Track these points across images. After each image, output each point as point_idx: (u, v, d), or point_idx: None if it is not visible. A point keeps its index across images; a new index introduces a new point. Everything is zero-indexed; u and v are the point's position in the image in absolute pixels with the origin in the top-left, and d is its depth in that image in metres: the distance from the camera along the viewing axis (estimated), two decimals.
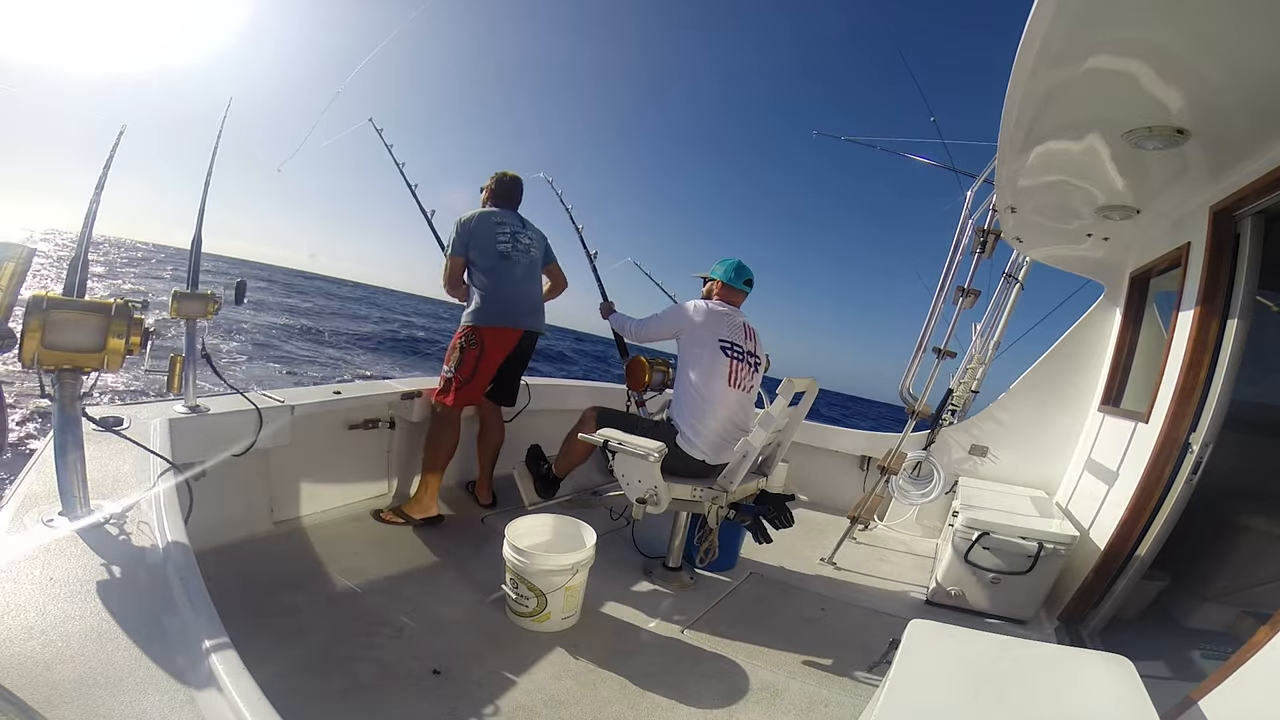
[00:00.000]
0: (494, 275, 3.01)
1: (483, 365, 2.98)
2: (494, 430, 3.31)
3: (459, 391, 2.94)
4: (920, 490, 3.57)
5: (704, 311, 2.63)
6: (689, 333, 2.61)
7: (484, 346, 2.98)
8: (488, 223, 3.06)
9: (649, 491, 2.38)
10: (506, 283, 3.04)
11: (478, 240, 3.02)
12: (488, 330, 2.99)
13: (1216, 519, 2.57)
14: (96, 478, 1.42)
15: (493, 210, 3.14)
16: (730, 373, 2.57)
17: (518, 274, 3.08)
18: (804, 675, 2.10)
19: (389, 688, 1.74)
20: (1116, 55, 1.58)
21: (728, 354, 2.57)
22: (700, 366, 2.56)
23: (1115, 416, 3.12)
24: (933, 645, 1.38)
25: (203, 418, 2.22)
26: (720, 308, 2.67)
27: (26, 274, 1.20)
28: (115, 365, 1.33)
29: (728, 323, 2.63)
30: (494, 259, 3.02)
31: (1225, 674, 1.46)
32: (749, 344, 2.68)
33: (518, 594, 2.10)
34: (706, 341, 2.57)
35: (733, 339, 2.61)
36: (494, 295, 3.01)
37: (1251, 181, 2.10)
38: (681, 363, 2.64)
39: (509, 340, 3.08)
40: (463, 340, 2.99)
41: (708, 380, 2.55)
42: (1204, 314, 2.38)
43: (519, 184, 3.27)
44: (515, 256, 3.07)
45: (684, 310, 2.67)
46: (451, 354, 2.99)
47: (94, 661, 0.93)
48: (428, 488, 2.90)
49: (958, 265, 3.43)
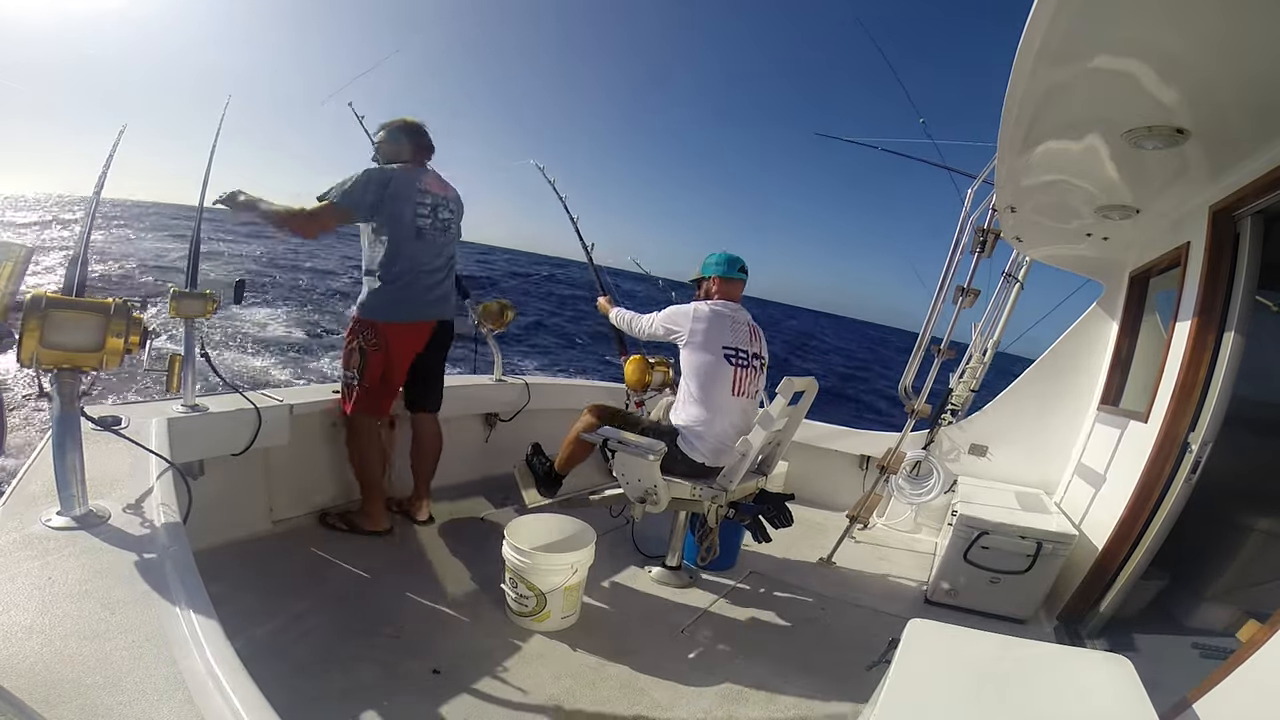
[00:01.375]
0: (403, 255, 2.51)
1: (389, 368, 2.58)
2: (429, 438, 2.86)
3: (365, 400, 2.56)
4: (919, 489, 3.57)
5: (706, 318, 2.53)
6: (691, 341, 2.53)
7: (388, 347, 2.54)
8: (409, 187, 2.51)
9: (649, 491, 2.38)
10: (417, 266, 2.56)
11: (393, 205, 2.47)
12: (390, 328, 2.54)
13: (1216, 519, 2.57)
14: (95, 477, 1.42)
15: (415, 172, 2.57)
16: (735, 381, 2.51)
17: (432, 255, 2.61)
18: (804, 675, 2.10)
19: (389, 688, 1.74)
20: (1116, 55, 1.58)
21: (731, 362, 2.51)
22: (703, 376, 2.50)
23: (1114, 416, 3.13)
24: (932, 644, 1.38)
25: (201, 417, 2.21)
26: (723, 309, 2.58)
27: (25, 273, 1.19)
28: (114, 365, 1.33)
29: (732, 327, 2.56)
30: (408, 235, 2.51)
31: (1224, 674, 1.46)
32: (754, 345, 2.61)
33: (517, 593, 2.10)
34: (710, 350, 2.50)
35: (737, 344, 2.54)
36: (400, 282, 2.52)
37: (1251, 181, 2.10)
38: (684, 368, 2.58)
39: (419, 336, 2.65)
40: (360, 340, 2.53)
41: (711, 389, 2.49)
42: (1203, 314, 2.38)
43: (426, 135, 2.68)
44: (431, 236, 2.59)
45: (686, 316, 2.56)
46: (350, 356, 2.55)
47: (93, 661, 0.93)
48: (373, 501, 2.65)
49: (957, 265, 3.43)
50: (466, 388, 3.46)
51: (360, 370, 2.53)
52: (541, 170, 3.75)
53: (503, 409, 3.55)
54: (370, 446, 2.63)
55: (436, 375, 2.86)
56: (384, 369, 2.56)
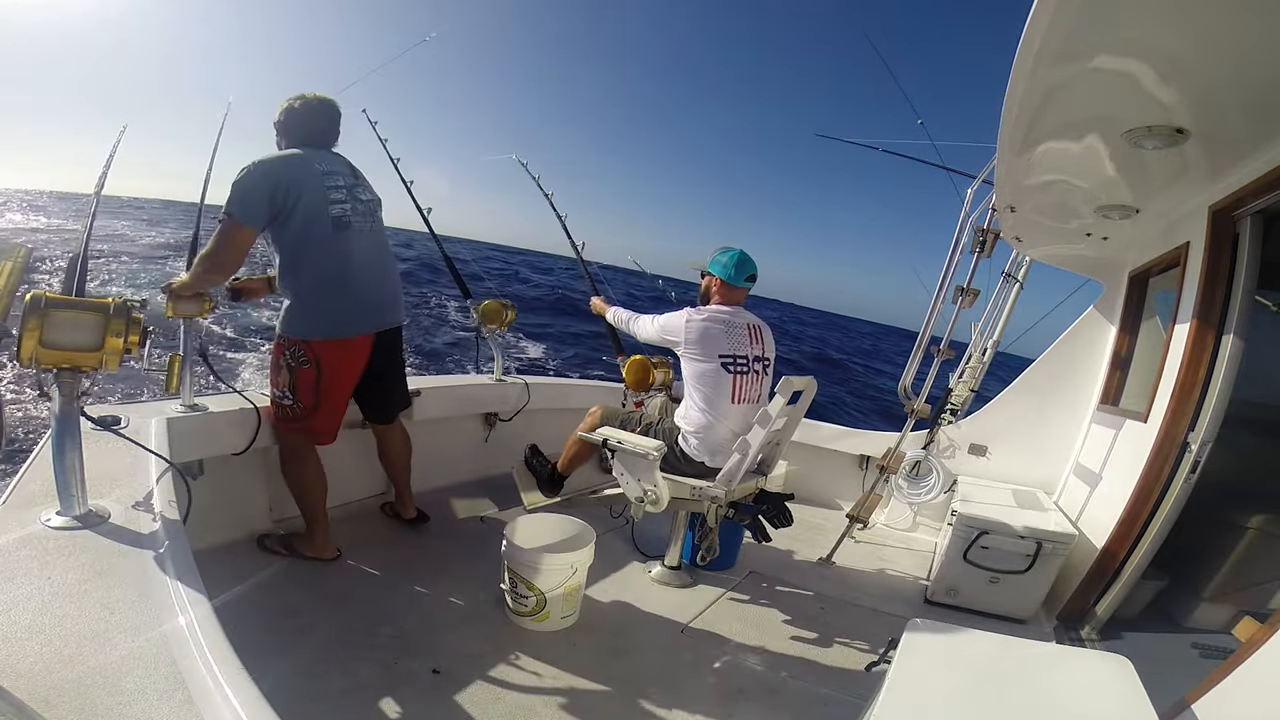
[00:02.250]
0: (325, 255, 2.10)
1: (327, 388, 2.21)
2: (395, 442, 2.63)
3: (304, 423, 2.24)
4: (919, 489, 3.57)
5: (700, 328, 2.43)
6: (688, 350, 2.46)
7: (320, 365, 2.16)
8: (309, 171, 2.07)
9: (648, 490, 2.38)
10: (347, 266, 2.14)
11: (293, 199, 2.01)
12: (324, 346, 2.15)
13: (1215, 519, 2.57)
14: (95, 477, 1.42)
15: (310, 154, 2.13)
16: (734, 389, 2.45)
17: (363, 249, 2.19)
18: (803, 674, 2.10)
19: (389, 688, 1.74)
20: (1116, 55, 1.58)
21: (730, 370, 2.44)
22: (703, 385, 2.46)
23: (1114, 416, 3.13)
24: (932, 644, 1.38)
25: (201, 416, 2.21)
26: (716, 315, 2.48)
27: (25, 273, 1.19)
28: (114, 365, 1.33)
29: (728, 333, 2.46)
30: (325, 228, 2.08)
31: (1224, 673, 1.46)
32: (755, 348, 2.51)
33: (517, 593, 2.10)
34: (707, 359, 2.45)
35: (735, 351, 2.45)
36: (328, 289, 2.12)
37: (1251, 181, 2.10)
38: (684, 374, 2.54)
39: (360, 352, 2.25)
40: (289, 356, 2.15)
41: (711, 398, 2.46)
42: (1203, 314, 2.38)
43: (336, 112, 2.24)
44: (357, 224, 2.16)
45: (679, 326, 2.47)
46: (278, 374, 2.20)
47: (93, 661, 0.93)
48: (315, 525, 2.35)
49: (957, 264, 3.43)
50: (466, 388, 3.46)
51: (292, 390, 2.19)
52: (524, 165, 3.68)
53: (502, 409, 3.55)
54: (307, 469, 2.32)
55: (396, 381, 2.56)
56: (318, 390, 2.19)
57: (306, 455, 2.32)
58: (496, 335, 3.50)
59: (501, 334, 3.53)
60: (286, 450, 2.34)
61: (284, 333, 2.17)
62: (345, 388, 2.30)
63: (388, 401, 2.57)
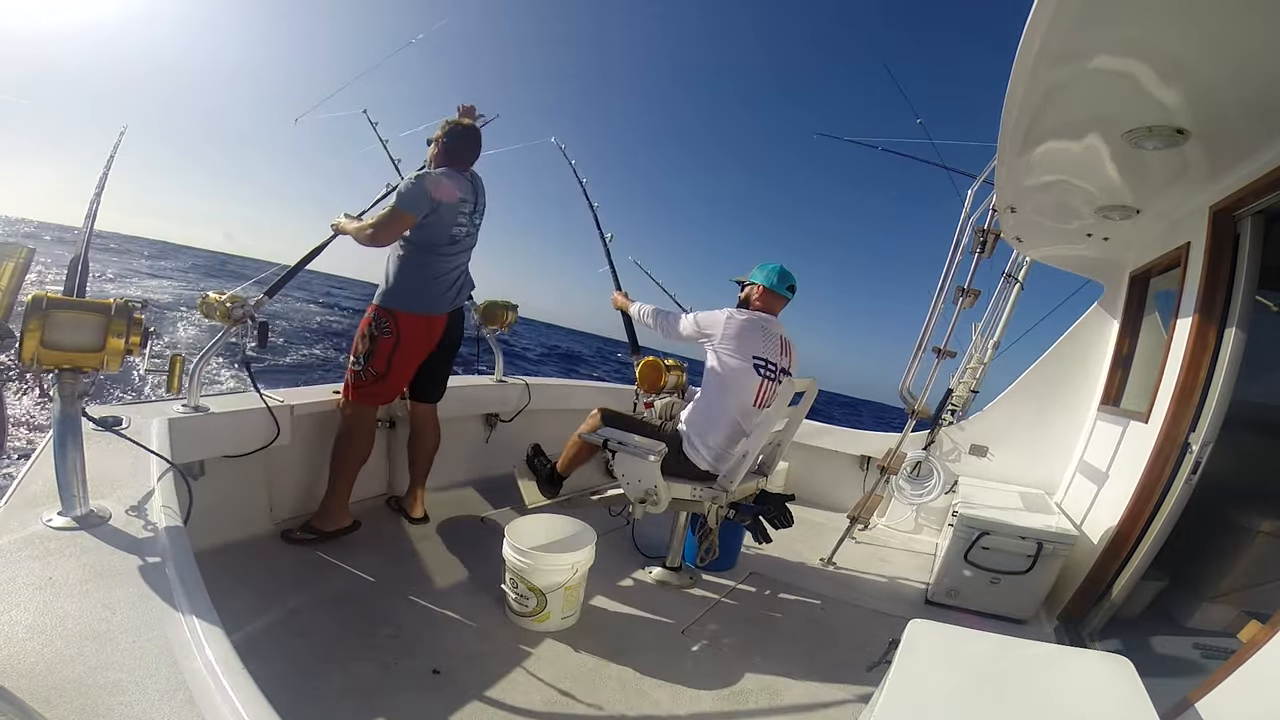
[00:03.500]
0: (433, 258, 2.59)
1: (398, 360, 2.56)
2: (428, 433, 2.87)
3: (369, 390, 2.56)
4: (920, 490, 3.57)
5: (740, 324, 2.48)
6: (723, 345, 2.47)
7: (400, 336, 2.55)
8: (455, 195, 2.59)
9: (649, 491, 2.38)
10: (443, 268, 2.62)
11: (438, 213, 2.52)
12: (406, 318, 2.56)
13: (1216, 519, 2.57)
14: (96, 477, 1.42)
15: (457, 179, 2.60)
16: (759, 392, 2.47)
17: (458, 258, 2.68)
18: (804, 675, 2.10)
19: (389, 688, 1.74)
20: (1116, 55, 1.58)
21: (760, 372, 2.46)
22: (729, 383, 2.46)
23: (1115, 416, 3.13)
24: (932, 645, 1.38)
25: (202, 417, 2.22)
26: (758, 319, 2.53)
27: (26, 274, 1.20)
28: (115, 365, 1.33)
29: (765, 338, 2.50)
30: (443, 242, 2.58)
31: (1225, 674, 1.47)
32: (784, 360, 2.55)
33: (517, 594, 2.10)
34: (741, 357, 2.45)
35: (768, 356, 2.49)
36: (423, 278, 2.59)
37: (1251, 181, 2.10)
38: (709, 372, 2.53)
39: (433, 330, 2.66)
40: (373, 326, 2.55)
41: (736, 398, 2.46)
42: (1203, 314, 2.38)
43: (478, 139, 2.71)
44: (464, 241, 2.67)
45: (720, 320, 2.50)
46: (360, 342, 2.56)
47: (94, 661, 0.93)
48: (337, 496, 2.56)
49: (957, 265, 3.43)
50: (467, 388, 3.46)
51: (366, 357, 2.53)
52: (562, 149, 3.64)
53: (503, 409, 3.56)
54: (358, 440, 2.58)
55: (443, 369, 2.86)
56: (391, 358, 2.54)
57: (366, 426, 2.61)
58: (497, 335, 3.50)
59: (502, 334, 3.54)
60: (347, 422, 2.59)
61: (379, 303, 2.56)
62: (415, 360, 2.63)
63: (434, 383, 2.84)
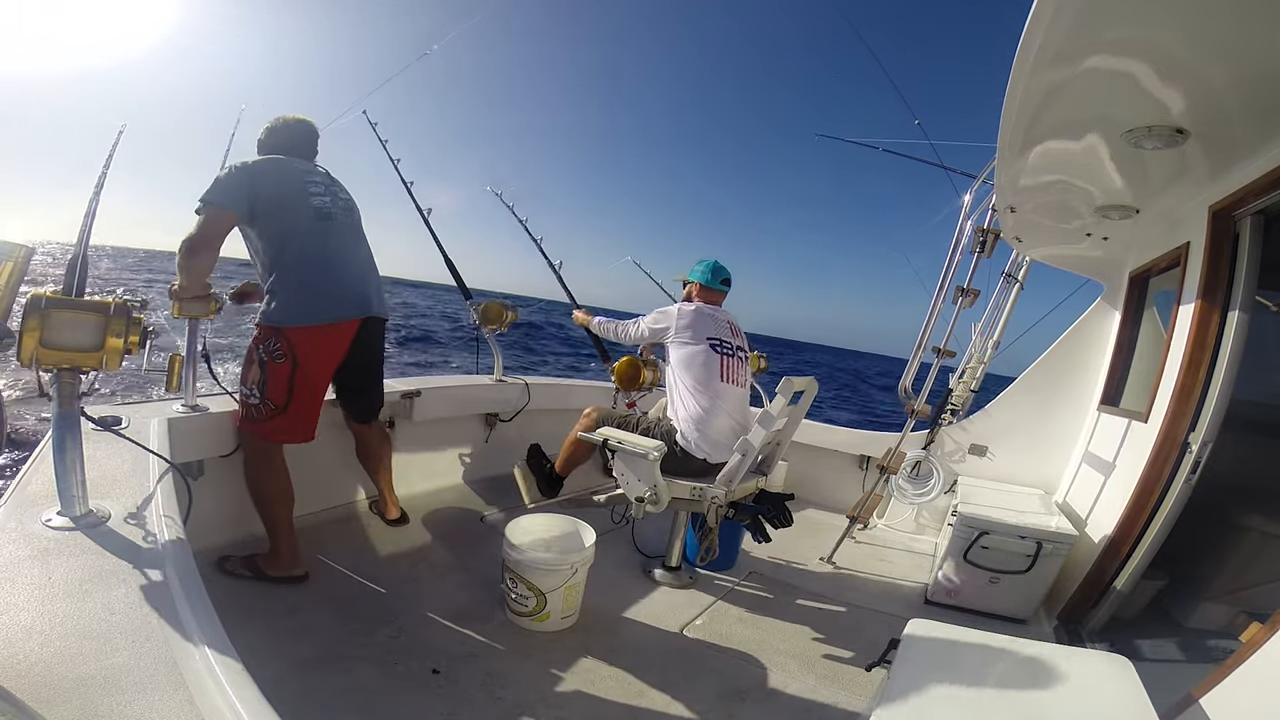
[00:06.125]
0: (308, 242, 2.10)
1: (301, 384, 2.12)
2: (374, 443, 2.62)
3: (272, 425, 2.12)
4: (919, 489, 3.57)
5: (690, 313, 2.66)
6: (680, 335, 2.64)
7: (297, 358, 2.09)
8: (289, 167, 2.16)
9: (648, 491, 2.38)
10: (328, 254, 2.15)
11: (273, 190, 2.06)
12: (300, 333, 2.09)
13: (1216, 519, 2.57)
14: (95, 477, 1.42)
15: (289, 158, 2.23)
16: (723, 368, 2.61)
17: (344, 241, 2.22)
18: (803, 675, 2.10)
19: (389, 688, 1.74)
20: (1116, 55, 1.58)
21: (718, 350, 2.62)
22: (694, 367, 2.59)
23: (1114, 416, 3.13)
24: (932, 644, 1.38)
25: (202, 417, 2.21)
26: (706, 308, 2.72)
27: (25, 274, 1.19)
28: (114, 365, 1.33)
29: (714, 323, 2.68)
30: (307, 219, 2.11)
31: (1224, 674, 1.46)
32: (736, 339, 2.73)
33: (517, 593, 2.10)
34: (697, 340, 2.61)
35: (720, 335, 2.66)
36: (308, 276, 2.10)
37: (1251, 181, 2.10)
38: (674, 365, 2.66)
39: (339, 340, 2.19)
40: (263, 350, 2.08)
41: (704, 380, 2.58)
42: (1203, 313, 2.38)
43: (313, 131, 2.34)
44: (339, 217, 2.20)
45: (670, 314, 2.69)
46: (249, 369, 2.11)
47: (93, 661, 0.93)
48: (280, 540, 2.18)
49: (957, 265, 3.43)
50: (466, 388, 3.46)
51: (261, 387, 2.09)
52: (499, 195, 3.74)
53: (503, 409, 3.56)
54: (268, 478, 2.18)
55: (374, 379, 2.50)
56: (291, 386, 2.10)
57: (270, 462, 2.18)
58: (496, 336, 3.50)
59: (502, 334, 3.54)
60: (249, 455, 2.21)
61: (262, 322, 2.11)
62: (322, 380, 2.22)
63: (366, 400, 2.54)
